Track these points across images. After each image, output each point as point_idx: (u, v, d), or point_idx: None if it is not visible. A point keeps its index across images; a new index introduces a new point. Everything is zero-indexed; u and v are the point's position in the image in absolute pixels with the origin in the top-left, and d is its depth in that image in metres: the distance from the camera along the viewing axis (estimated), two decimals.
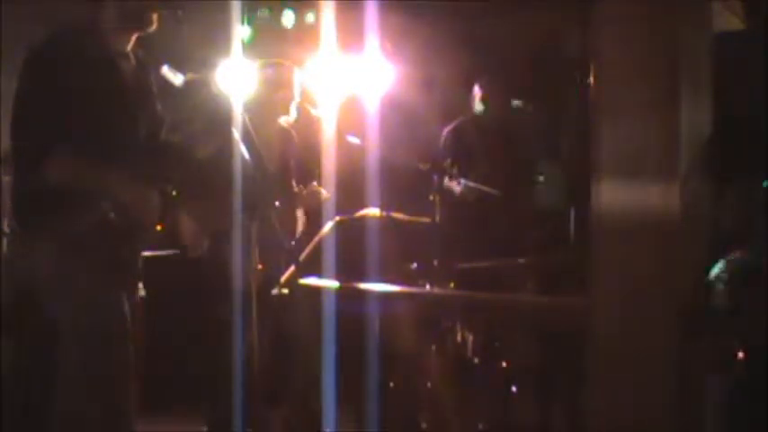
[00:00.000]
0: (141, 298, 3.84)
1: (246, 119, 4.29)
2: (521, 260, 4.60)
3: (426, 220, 4.71)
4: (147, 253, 3.87)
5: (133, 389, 3.66)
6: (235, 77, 4.71)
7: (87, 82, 3.51)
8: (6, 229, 4.79)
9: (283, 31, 6.73)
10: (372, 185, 4.73)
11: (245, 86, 4.78)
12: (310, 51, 5.26)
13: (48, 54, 3.58)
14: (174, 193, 3.76)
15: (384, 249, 4.26)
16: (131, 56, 3.72)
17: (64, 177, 3.49)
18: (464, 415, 4.24)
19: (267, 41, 6.40)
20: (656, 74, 2.48)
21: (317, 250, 4.31)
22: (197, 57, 5.03)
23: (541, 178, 5.64)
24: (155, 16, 3.64)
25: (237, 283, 4.29)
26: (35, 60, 3.58)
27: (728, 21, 4.00)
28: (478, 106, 5.90)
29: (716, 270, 3.21)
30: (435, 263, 4.54)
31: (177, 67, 3.87)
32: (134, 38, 3.68)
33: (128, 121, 3.65)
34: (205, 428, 4.83)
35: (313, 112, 5.06)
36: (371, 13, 5.20)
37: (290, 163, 4.94)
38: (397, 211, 4.55)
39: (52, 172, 3.47)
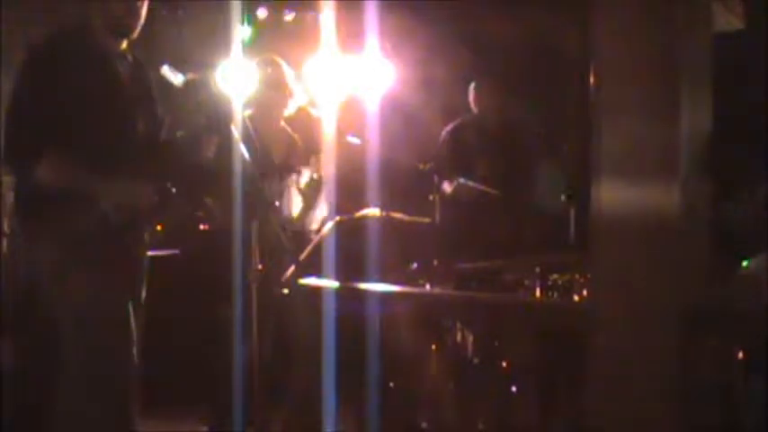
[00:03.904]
0: None
1: (246, 118, 4.30)
2: (521, 260, 4.60)
3: (426, 220, 4.71)
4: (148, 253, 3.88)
5: (135, 389, 3.67)
6: (235, 77, 4.71)
7: (80, 82, 3.52)
8: (6, 229, 4.80)
9: (283, 30, 6.73)
10: (372, 185, 4.73)
11: (245, 86, 4.78)
12: (310, 51, 5.26)
13: (40, 55, 3.59)
14: (173, 191, 3.77)
15: (384, 249, 4.26)
16: (127, 56, 3.72)
17: (60, 177, 3.49)
18: (464, 415, 4.23)
19: (267, 41, 6.40)
20: (656, 74, 2.48)
21: (317, 250, 4.31)
22: (197, 57, 5.03)
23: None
24: (135, 23, 3.64)
25: (237, 283, 4.30)
26: (28, 62, 3.60)
27: (728, 21, 4.01)
28: (475, 107, 5.91)
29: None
30: (435, 263, 4.55)
31: (177, 67, 3.87)
32: (124, 39, 3.69)
33: (124, 121, 3.66)
34: (205, 428, 4.83)
35: (313, 112, 5.06)
36: (371, 13, 5.20)
37: (291, 163, 4.94)
38: (397, 211, 4.55)
39: (48, 172, 3.48)
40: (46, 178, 3.48)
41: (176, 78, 3.82)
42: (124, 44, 3.70)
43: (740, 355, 2.80)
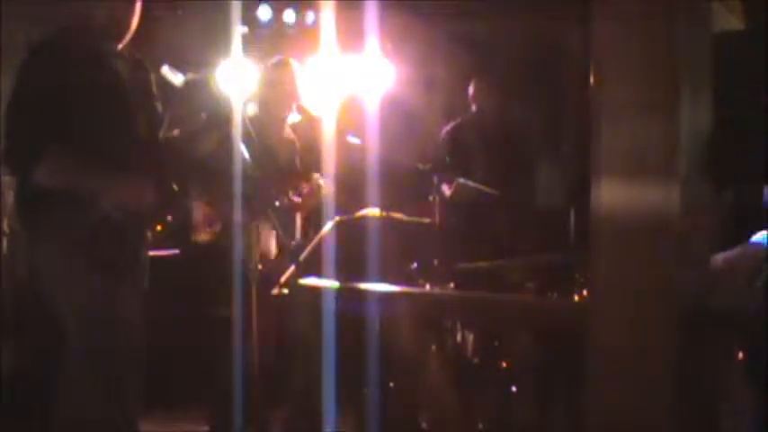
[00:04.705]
0: None
1: (246, 118, 4.30)
2: (521, 260, 4.60)
3: (426, 220, 4.71)
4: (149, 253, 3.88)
5: (137, 388, 3.67)
6: (235, 77, 4.72)
7: (77, 81, 3.52)
8: (6, 228, 4.80)
9: (284, 30, 6.73)
10: (372, 185, 4.72)
11: (247, 85, 4.79)
12: (310, 51, 5.26)
13: (37, 56, 3.59)
14: (175, 188, 3.77)
15: (384, 249, 4.26)
16: (125, 55, 3.72)
17: (60, 177, 3.49)
18: (464, 415, 4.23)
19: (267, 41, 6.41)
20: (656, 74, 2.48)
21: (317, 250, 4.31)
22: (197, 57, 5.03)
23: None
24: (123, 26, 3.65)
25: (237, 283, 4.30)
26: (25, 63, 3.60)
27: (728, 21, 4.00)
28: (474, 106, 5.91)
29: None
30: (435, 263, 4.55)
31: (177, 67, 3.87)
32: (121, 39, 3.69)
33: (123, 120, 3.66)
34: (206, 428, 4.83)
35: (313, 112, 5.06)
36: (371, 13, 5.20)
37: (293, 163, 4.95)
38: (397, 211, 4.55)
39: (48, 172, 3.48)
40: (46, 178, 3.48)
41: (176, 78, 3.82)
42: (120, 43, 3.70)
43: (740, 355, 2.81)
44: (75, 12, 3.69)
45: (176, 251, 5.61)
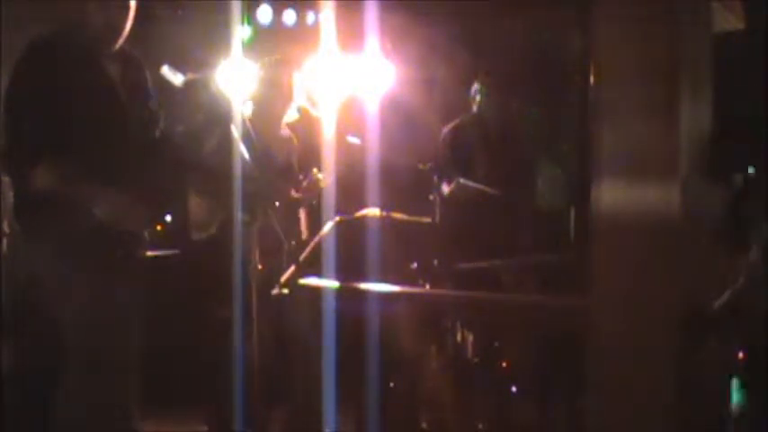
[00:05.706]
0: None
1: (246, 118, 4.30)
2: (521, 260, 4.61)
3: (426, 220, 4.71)
4: (147, 253, 3.88)
5: (134, 388, 3.67)
6: (235, 77, 4.72)
7: (68, 84, 3.52)
8: (6, 229, 4.80)
9: (284, 30, 6.73)
10: (372, 185, 4.72)
11: (246, 85, 4.79)
12: (310, 51, 5.26)
13: (29, 59, 3.59)
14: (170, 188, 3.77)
15: (384, 249, 4.26)
16: (121, 55, 3.72)
17: (54, 179, 3.49)
18: (464, 415, 4.24)
19: (267, 41, 6.40)
20: (656, 74, 2.48)
21: (317, 250, 4.31)
22: (197, 57, 5.03)
23: None
24: (122, 27, 3.64)
25: (237, 283, 4.30)
26: (16, 66, 3.60)
27: (728, 21, 4.01)
28: (477, 105, 5.90)
29: None
30: (435, 263, 4.55)
31: (177, 67, 3.87)
32: (116, 40, 3.68)
33: (117, 121, 3.65)
34: (205, 428, 4.83)
35: (313, 112, 5.06)
36: (371, 13, 5.20)
37: (291, 163, 4.94)
38: (397, 211, 4.55)
39: (42, 174, 3.48)
40: (41, 179, 3.48)
41: (176, 78, 3.82)
42: (115, 44, 3.69)
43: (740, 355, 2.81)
44: (72, 13, 3.69)
45: (176, 251, 5.61)
